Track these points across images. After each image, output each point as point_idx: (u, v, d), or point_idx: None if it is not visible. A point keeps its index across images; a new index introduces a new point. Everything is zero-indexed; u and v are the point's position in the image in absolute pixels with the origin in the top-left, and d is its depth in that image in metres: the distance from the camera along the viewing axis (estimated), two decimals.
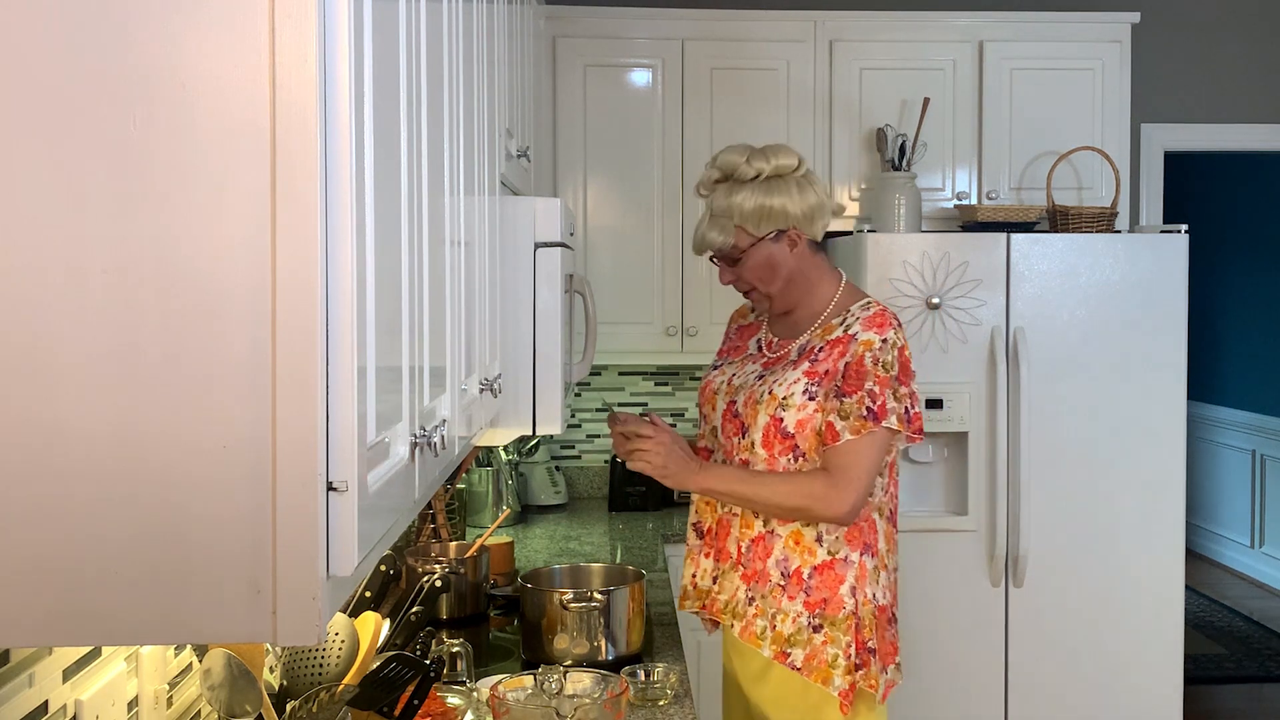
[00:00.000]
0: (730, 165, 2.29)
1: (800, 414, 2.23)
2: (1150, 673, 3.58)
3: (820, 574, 2.23)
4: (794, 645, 2.23)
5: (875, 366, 2.21)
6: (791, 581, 2.24)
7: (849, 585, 2.23)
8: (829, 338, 2.28)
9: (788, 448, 2.25)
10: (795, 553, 2.25)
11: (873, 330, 2.24)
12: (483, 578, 2.78)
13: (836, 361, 2.24)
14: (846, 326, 2.28)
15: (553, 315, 2.43)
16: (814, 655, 2.21)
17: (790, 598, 2.23)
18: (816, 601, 2.22)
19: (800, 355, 2.30)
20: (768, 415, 2.25)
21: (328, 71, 0.95)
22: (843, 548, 2.24)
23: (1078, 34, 3.94)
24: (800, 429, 2.23)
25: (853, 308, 2.32)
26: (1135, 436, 3.56)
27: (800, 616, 2.23)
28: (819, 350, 2.27)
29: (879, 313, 2.29)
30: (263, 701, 1.51)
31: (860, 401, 2.19)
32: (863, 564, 2.25)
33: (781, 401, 2.24)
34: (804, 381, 2.24)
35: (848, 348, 2.24)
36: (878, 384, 2.20)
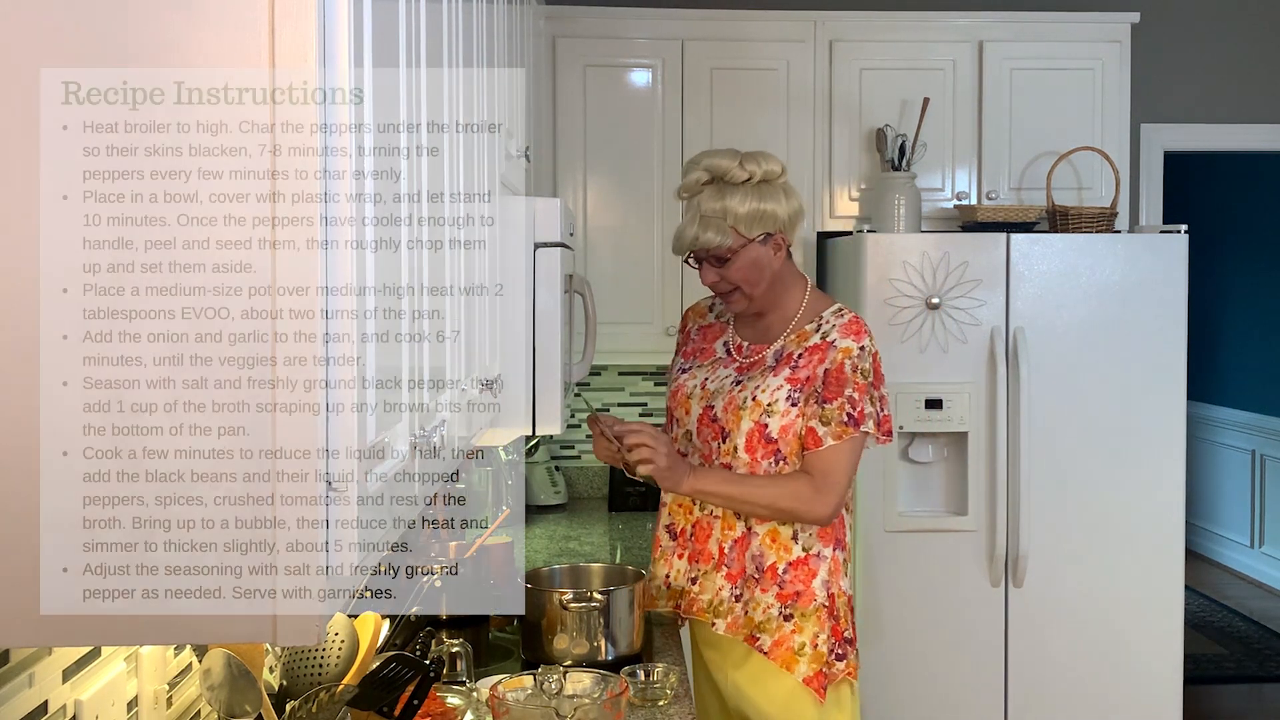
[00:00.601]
0: (720, 168, 2.34)
1: (784, 420, 2.31)
2: (1150, 673, 3.58)
3: (794, 569, 2.33)
4: (763, 631, 2.33)
5: (854, 374, 2.31)
6: (766, 575, 2.33)
7: (821, 579, 2.33)
8: (806, 344, 2.36)
9: (770, 452, 2.33)
10: (771, 549, 2.34)
11: (850, 338, 2.33)
12: (483, 577, 2.77)
13: (816, 368, 2.32)
14: (823, 334, 2.36)
15: (552, 315, 2.43)
16: (781, 642, 2.31)
17: (763, 590, 2.33)
18: (789, 594, 2.32)
19: (778, 361, 2.37)
20: (751, 421, 2.33)
21: (328, 71, 0.95)
22: (816, 543, 2.35)
23: (1078, 34, 3.94)
24: (784, 434, 2.32)
25: (825, 314, 2.40)
26: (1135, 436, 3.55)
27: (771, 607, 2.32)
28: (798, 357, 2.35)
29: (853, 320, 2.38)
30: (263, 701, 1.51)
31: (841, 408, 2.29)
32: (835, 558, 2.36)
33: (766, 408, 2.32)
34: (787, 388, 2.32)
35: (826, 354, 2.32)
36: (856, 390, 2.30)
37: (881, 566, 3.55)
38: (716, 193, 2.33)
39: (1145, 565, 3.57)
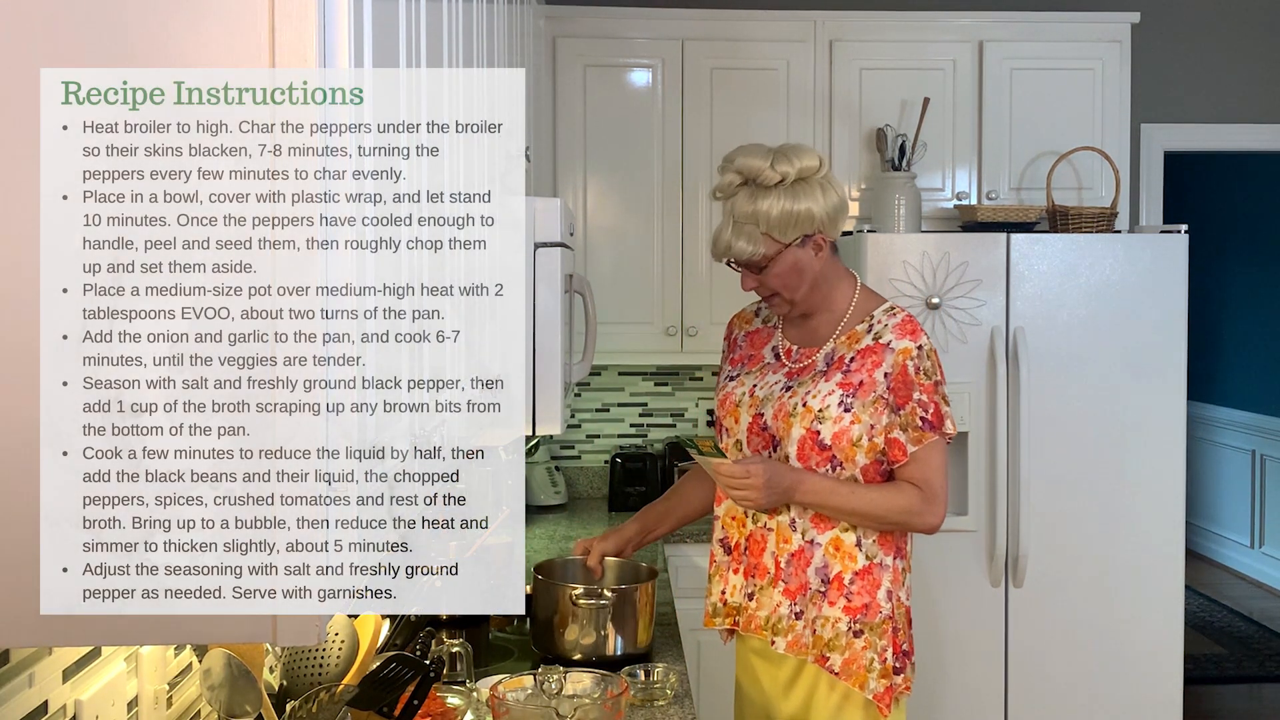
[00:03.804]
0: (752, 169, 2.21)
1: (836, 426, 2.20)
2: (1150, 673, 3.58)
3: (860, 579, 2.22)
4: (833, 650, 2.21)
5: (919, 375, 2.22)
6: (832, 587, 2.22)
7: (885, 589, 2.23)
8: (858, 346, 2.26)
9: (825, 459, 2.22)
10: (836, 559, 2.23)
11: (907, 338, 2.24)
12: (483, 577, 2.77)
13: (872, 371, 2.22)
14: (876, 335, 2.26)
15: (552, 315, 2.43)
16: (853, 660, 2.20)
17: (830, 603, 2.22)
18: (858, 607, 2.21)
19: (830, 365, 2.27)
20: (803, 428, 2.22)
21: (328, 71, 0.95)
22: (879, 552, 2.24)
23: (1078, 34, 3.94)
24: (837, 440, 2.21)
25: (876, 313, 2.30)
26: (1135, 436, 3.55)
27: (839, 621, 2.21)
28: (850, 360, 2.25)
29: (906, 319, 2.28)
30: (263, 701, 1.51)
31: (913, 413, 2.21)
32: (895, 567, 2.26)
33: (817, 414, 2.21)
34: (839, 393, 2.22)
35: (883, 357, 2.23)
36: (924, 392, 2.22)
37: None
38: (749, 196, 2.21)
39: (1145, 565, 3.57)
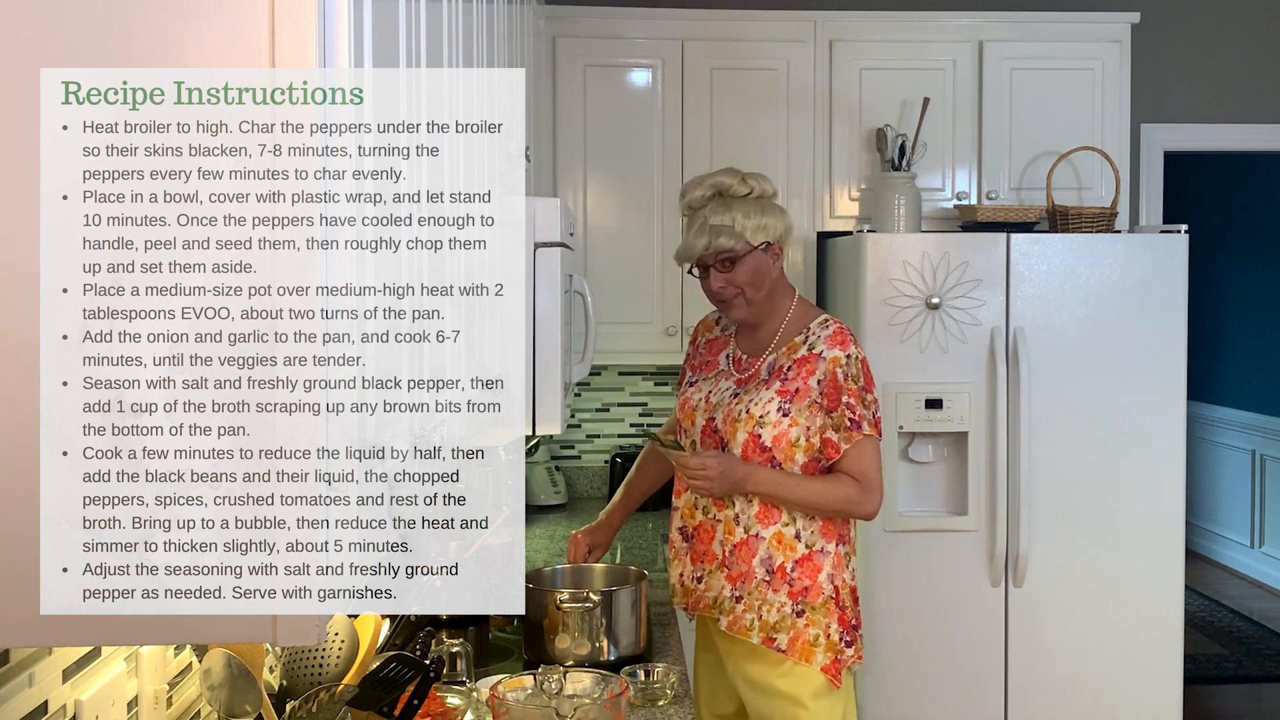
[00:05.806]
0: (724, 184, 2.51)
1: (776, 429, 2.45)
2: (1150, 673, 3.58)
3: (801, 566, 2.46)
4: (779, 631, 2.44)
5: (846, 381, 2.46)
6: (776, 576, 2.45)
7: (826, 573, 2.46)
8: (795, 356, 2.50)
9: (766, 459, 2.46)
10: (778, 551, 2.46)
11: (837, 348, 2.48)
12: (483, 577, 2.77)
13: (806, 379, 2.47)
14: (810, 345, 2.50)
15: (552, 315, 2.43)
16: (797, 637, 2.43)
17: (775, 590, 2.45)
18: (799, 590, 2.45)
19: (770, 374, 2.51)
20: (746, 432, 2.46)
21: (328, 71, 0.95)
22: (819, 540, 2.47)
23: (1078, 34, 3.94)
24: (777, 442, 2.45)
25: (812, 325, 2.54)
26: (1135, 436, 3.55)
27: (784, 605, 2.44)
28: (788, 369, 2.49)
29: (838, 330, 2.52)
30: (263, 701, 1.51)
31: (842, 415, 2.46)
32: (838, 552, 2.49)
33: (759, 420, 2.46)
34: (778, 400, 2.46)
35: (816, 365, 2.47)
36: (851, 396, 2.45)
37: (882, 566, 3.55)
38: (723, 205, 2.49)
39: (1145, 565, 3.57)
